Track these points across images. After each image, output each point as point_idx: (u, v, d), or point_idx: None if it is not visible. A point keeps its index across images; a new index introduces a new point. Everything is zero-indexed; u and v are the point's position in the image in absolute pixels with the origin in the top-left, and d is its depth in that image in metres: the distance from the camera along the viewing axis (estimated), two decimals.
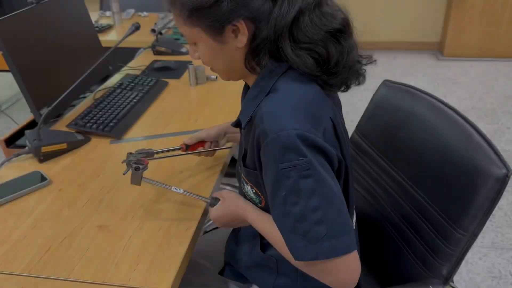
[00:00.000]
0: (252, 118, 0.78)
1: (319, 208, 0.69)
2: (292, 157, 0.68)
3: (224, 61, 0.80)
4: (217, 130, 1.16)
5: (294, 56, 0.73)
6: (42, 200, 1.06)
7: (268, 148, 0.70)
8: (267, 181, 0.74)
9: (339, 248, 0.69)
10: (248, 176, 0.86)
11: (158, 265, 0.86)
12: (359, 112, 1.16)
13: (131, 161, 0.95)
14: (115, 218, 0.98)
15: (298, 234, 0.70)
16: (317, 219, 0.69)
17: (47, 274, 0.84)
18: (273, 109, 0.72)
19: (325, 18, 0.74)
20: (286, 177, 0.69)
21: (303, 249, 0.70)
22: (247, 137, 0.84)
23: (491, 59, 4.00)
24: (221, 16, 0.72)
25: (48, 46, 1.39)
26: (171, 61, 1.87)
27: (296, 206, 0.70)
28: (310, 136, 0.69)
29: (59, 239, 0.93)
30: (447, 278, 0.91)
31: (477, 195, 0.83)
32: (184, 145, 1.13)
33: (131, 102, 1.49)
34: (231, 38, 0.75)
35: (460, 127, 0.90)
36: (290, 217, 0.71)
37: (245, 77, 0.85)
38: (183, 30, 0.79)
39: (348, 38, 0.76)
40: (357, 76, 0.80)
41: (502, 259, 1.87)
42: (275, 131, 0.69)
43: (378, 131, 1.10)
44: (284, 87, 0.75)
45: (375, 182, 1.09)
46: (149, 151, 1.07)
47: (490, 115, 3.05)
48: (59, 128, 1.39)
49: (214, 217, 0.93)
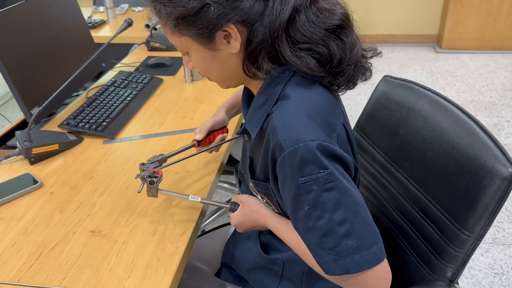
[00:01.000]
0: (263, 128, 0.74)
1: (345, 221, 0.65)
2: (313, 170, 0.65)
3: (219, 69, 0.76)
4: (222, 114, 1.11)
5: (295, 58, 0.69)
6: (33, 203, 1.02)
7: (285, 162, 0.66)
8: (286, 195, 0.70)
9: (370, 260, 0.66)
10: (257, 187, 0.83)
11: (153, 271, 0.82)
12: (357, 106, 1.13)
13: (145, 175, 0.91)
14: (108, 222, 0.95)
15: (326, 249, 0.67)
16: (344, 232, 0.65)
17: (38, 282, 0.81)
18: (286, 120, 0.68)
19: (322, 15, 0.69)
20: (308, 191, 0.66)
21: (333, 264, 0.67)
22: (256, 147, 0.80)
23: (489, 51, 3.97)
24: (209, 22, 0.67)
25: (39, 43, 1.35)
26: (166, 57, 1.83)
27: (322, 220, 0.66)
28: (328, 146, 0.65)
29: (50, 244, 0.90)
30: (452, 280, 0.88)
31: (483, 195, 0.80)
32: (195, 141, 1.06)
33: (124, 100, 1.45)
34: (224, 44, 0.71)
35: (464, 124, 0.87)
36: (316, 232, 0.67)
37: (246, 83, 0.81)
38: (172, 40, 0.75)
39: (350, 34, 0.72)
40: (364, 72, 0.75)
41: (503, 255, 1.85)
42: (292, 144, 0.65)
43: (379, 128, 1.07)
44: (294, 95, 0.70)
45: (376, 181, 1.06)
46: (161, 157, 1.01)
47: (490, 108, 3.02)
48: (50, 128, 1.36)
49: (235, 224, 0.90)
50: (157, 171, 0.92)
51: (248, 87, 0.82)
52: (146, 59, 1.87)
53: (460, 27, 3.91)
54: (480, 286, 1.70)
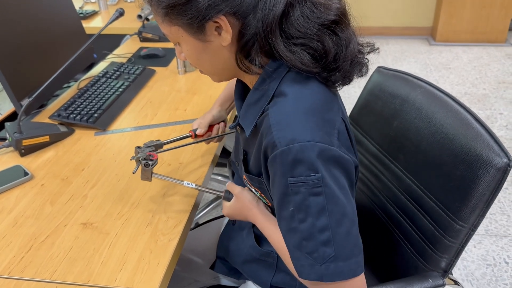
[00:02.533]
0: (257, 125, 0.73)
1: (327, 229, 0.65)
2: (303, 171, 0.64)
3: (211, 61, 0.74)
4: (218, 108, 1.10)
5: (289, 53, 0.67)
6: (24, 196, 1.01)
7: (277, 160, 0.65)
8: (274, 192, 0.70)
9: (345, 272, 0.66)
10: (251, 181, 0.83)
11: (146, 264, 0.82)
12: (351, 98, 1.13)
13: (140, 157, 0.90)
14: (100, 215, 0.94)
15: (304, 252, 0.67)
16: (324, 239, 0.65)
17: (28, 275, 0.80)
18: (283, 118, 0.66)
19: (317, 10, 0.67)
20: (295, 192, 0.65)
21: (309, 268, 0.67)
22: (249, 141, 0.79)
23: (483, 44, 3.98)
24: (199, 12, 0.66)
25: (29, 34, 1.33)
26: (158, 48, 1.81)
27: (304, 224, 0.66)
28: (324, 148, 0.64)
29: (41, 237, 0.89)
30: (446, 271, 0.88)
31: (478, 185, 0.80)
32: (192, 132, 1.06)
33: (116, 92, 1.43)
34: (215, 36, 0.69)
35: (458, 114, 0.87)
36: (297, 234, 0.67)
37: (239, 76, 0.80)
38: (162, 29, 0.74)
39: (346, 29, 0.70)
40: (360, 68, 0.74)
41: (496, 246, 1.86)
42: (286, 143, 0.64)
43: (373, 119, 1.06)
44: (291, 92, 0.69)
45: (370, 172, 1.06)
46: (157, 142, 1.00)
47: (483, 100, 3.03)
48: (41, 119, 1.34)
49: (226, 214, 0.91)
50: (153, 154, 0.91)
51: (243, 80, 0.81)
52: (139, 50, 1.85)
53: (454, 20, 3.91)
54: (472, 277, 1.72)
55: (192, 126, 1.07)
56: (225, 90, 1.15)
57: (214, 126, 1.10)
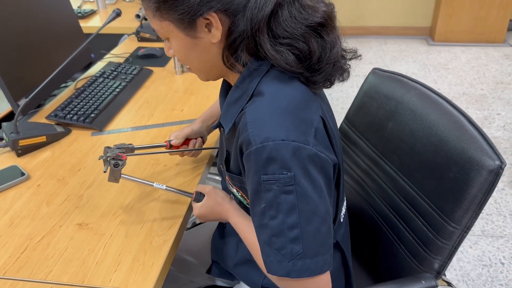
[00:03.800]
0: (236, 123, 0.74)
1: (296, 226, 0.66)
2: (275, 169, 0.65)
3: (199, 58, 0.75)
4: (199, 124, 1.11)
5: (274, 52, 0.68)
6: (20, 196, 1.01)
7: (251, 158, 0.66)
8: (248, 188, 0.71)
9: (312, 269, 0.68)
10: (232, 181, 0.83)
11: (140, 265, 0.82)
12: (349, 98, 1.13)
13: (108, 157, 0.90)
14: (95, 215, 0.95)
15: (273, 248, 0.68)
16: (293, 236, 0.66)
17: (24, 276, 0.80)
18: (259, 117, 0.67)
19: (305, 11, 0.69)
20: (267, 190, 0.66)
21: (277, 264, 0.69)
22: (230, 141, 0.80)
23: (481, 44, 3.98)
24: (190, 8, 0.67)
25: (26, 33, 1.33)
26: (156, 48, 1.81)
27: (274, 220, 0.67)
28: (299, 147, 0.65)
29: (36, 238, 0.89)
30: (439, 272, 0.88)
31: (470, 187, 0.80)
32: (167, 142, 1.06)
33: (113, 92, 1.43)
34: (205, 32, 0.70)
35: (452, 117, 0.88)
36: (267, 230, 0.68)
37: (225, 76, 0.80)
38: (153, 24, 0.74)
39: (331, 32, 0.71)
40: (341, 72, 0.75)
41: (492, 247, 1.87)
42: (260, 141, 0.65)
43: (367, 120, 1.06)
44: (269, 90, 0.70)
45: (364, 173, 1.07)
46: (129, 146, 1.01)
47: (481, 101, 3.04)
48: (38, 119, 1.34)
49: (198, 215, 0.90)
50: (121, 155, 0.91)
51: (227, 79, 0.82)
52: (136, 49, 1.85)
53: (453, 20, 3.91)
54: (468, 278, 1.72)
55: (169, 137, 1.07)
56: (210, 108, 1.15)
57: (191, 140, 1.09)
